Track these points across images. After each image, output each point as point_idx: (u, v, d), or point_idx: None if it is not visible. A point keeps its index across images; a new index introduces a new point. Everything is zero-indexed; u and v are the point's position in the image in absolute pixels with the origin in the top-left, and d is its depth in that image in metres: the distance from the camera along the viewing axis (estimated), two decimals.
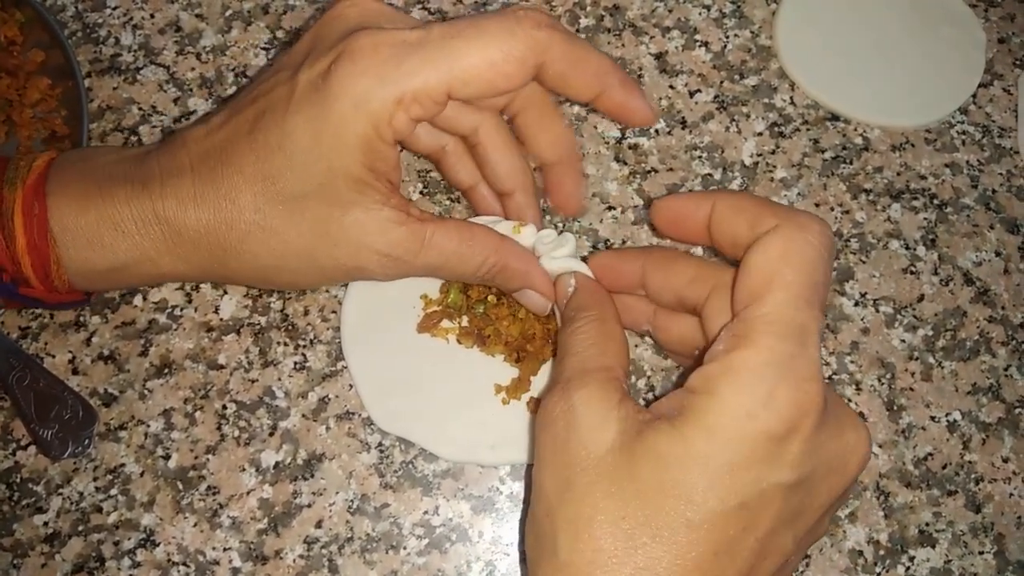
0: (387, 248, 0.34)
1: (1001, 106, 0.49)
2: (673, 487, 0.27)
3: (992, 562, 0.40)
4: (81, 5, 0.49)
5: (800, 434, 0.27)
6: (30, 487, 0.40)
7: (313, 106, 0.33)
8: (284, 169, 0.33)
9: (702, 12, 0.50)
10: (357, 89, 0.32)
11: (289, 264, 0.35)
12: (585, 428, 0.29)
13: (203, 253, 0.35)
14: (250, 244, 0.34)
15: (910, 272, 0.45)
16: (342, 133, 0.32)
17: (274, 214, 0.34)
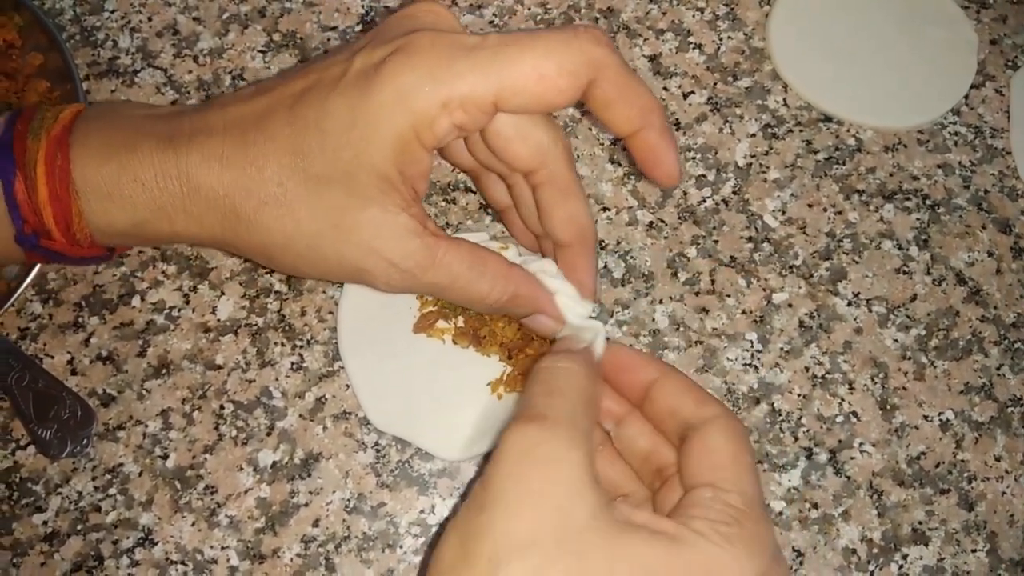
0: (397, 257, 0.33)
1: (993, 107, 0.49)
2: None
3: (985, 560, 0.40)
4: (79, 8, 0.49)
5: None
6: (29, 487, 0.40)
7: (358, 91, 0.32)
8: (315, 147, 0.32)
9: (695, 14, 0.50)
10: (404, 82, 0.31)
11: (296, 246, 0.34)
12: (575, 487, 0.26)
13: (216, 216, 0.34)
14: (264, 216, 0.33)
15: (903, 272, 0.45)
16: (379, 124, 0.31)
17: (295, 191, 0.33)
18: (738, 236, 0.45)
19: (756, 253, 0.45)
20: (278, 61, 0.48)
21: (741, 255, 0.45)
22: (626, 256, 0.44)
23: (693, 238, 0.45)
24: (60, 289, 0.43)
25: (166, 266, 0.44)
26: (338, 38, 0.49)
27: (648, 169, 0.34)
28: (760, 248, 0.45)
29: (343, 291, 0.42)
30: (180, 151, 0.33)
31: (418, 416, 0.40)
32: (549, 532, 0.25)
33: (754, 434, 0.42)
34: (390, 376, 0.41)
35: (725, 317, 0.44)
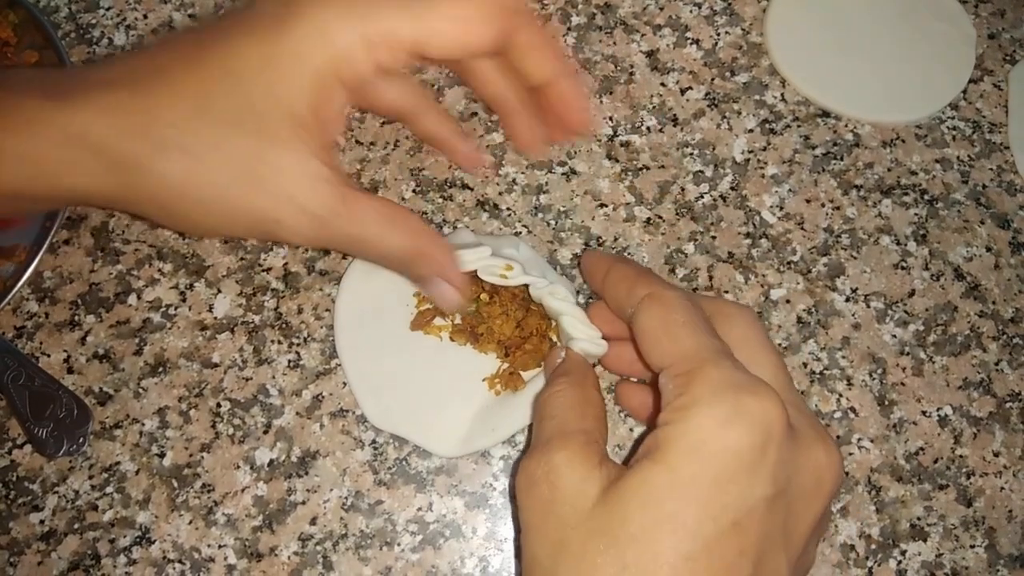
0: (309, 203, 0.31)
1: (991, 102, 0.49)
2: (667, 521, 0.26)
3: (983, 556, 0.40)
4: (74, 6, 0.49)
5: (774, 441, 0.27)
6: (26, 486, 0.40)
7: (271, 29, 0.30)
8: (222, 90, 0.30)
9: (693, 9, 0.50)
10: (325, 16, 0.30)
11: (201, 195, 0.31)
12: (569, 486, 0.28)
13: (103, 165, 0.31)
14: (162, 163, 0.30)
15: (901, 267, 0.45)
16: (297, 59, 0.30)
17: (198, 134, 0.30)
18: (736, 232, 0.45)
19: (754, 249, 0.45)
20: None
21: (739, 251, 0.45)
22: (624, 252, 0.44)
23: (691, 234, 0.45)
24: (56, 287, 0.43)
25: (162, 264, 0.44)
26: None
27: (565, 116, 0.35)
28: (758, 244, 0.45)
29: (340, 288, 0.42)
30: (67, 101, 0.31)
31: (415, 413, 0.40)
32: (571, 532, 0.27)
33: None
34: (387, 373, 0.41)
35: None
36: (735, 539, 0.27)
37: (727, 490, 0.27)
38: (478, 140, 0.46)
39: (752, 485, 0.27)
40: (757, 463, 0.27)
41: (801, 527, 0.29)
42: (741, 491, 0.27)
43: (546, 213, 0.45)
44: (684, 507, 0.26)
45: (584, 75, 0.36)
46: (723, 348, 0.30)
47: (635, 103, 0.48)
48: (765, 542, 0.27)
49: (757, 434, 0.27)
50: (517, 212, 0.45)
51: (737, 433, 0.27)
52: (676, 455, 0.27)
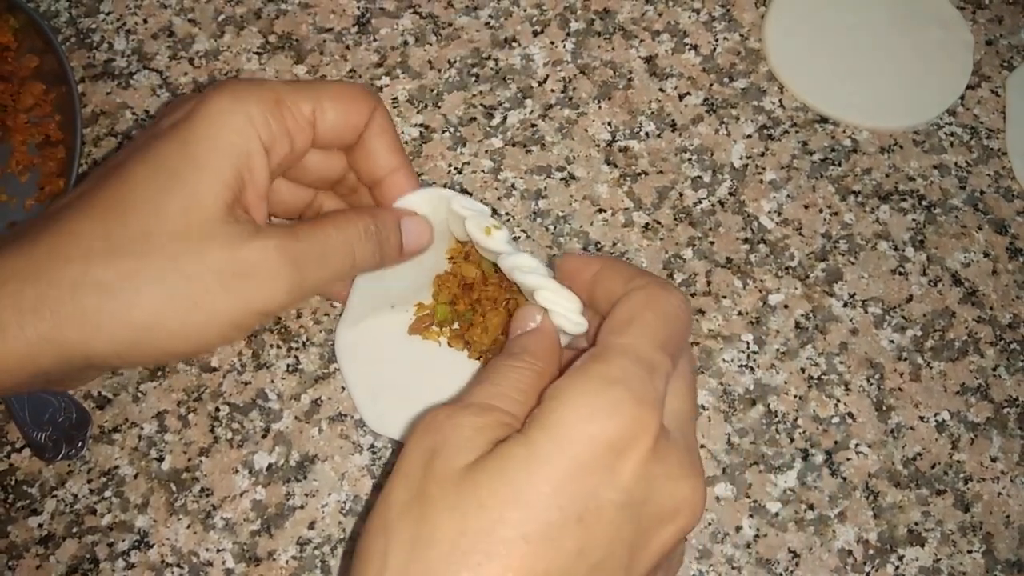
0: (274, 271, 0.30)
1: (989, 108, 0.49)
2: (515, 495, 0.26)
3: (981, 561, 0.40)
4: (75, 11, 0.49)
5: (636, 452, 0.27)
6: (25, 489, 0.40)
7: (174, 138, 0.30)
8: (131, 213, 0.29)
9: (691, 15, 0.50)
10: (230, 99, 0.30)
11: (167, 320, 0.30)
12: (457, 446, 0.27)
13: (64, 330, 0.29)
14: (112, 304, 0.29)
15: (899, 273, 0.45)
16: (217, 143, 0.30)
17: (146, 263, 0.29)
18: (734, 237, 0.45)
19: (752, 254, 0.45)
20: (274, 63, 0.48)
21: (737, 256, 0.45)
22: (622, 257, 0.44)
23: (689, 239, 0.45)
24: None
25: None
26: (334, 40, 0.49)
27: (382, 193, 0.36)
28: (756, 249, 0.45)
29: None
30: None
31: (413, 417, 0.40)
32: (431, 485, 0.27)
33: (750, 435, 0.42)
34: (385, 378, 0.41)
35: (721, 318, 0.44)
36: (577, 535, 0.26)
37: (579, 481, 0.26)
38: (476, 145, 0.47)
39: (604, 484, 0.26)
40: (614, 464, 0.26)
41: (647, 554, 0.28)
42: (592, 487, 0.26)
43: (545, 218, 0.45)
44: (534, 485, 0.26)
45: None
46: (659, 359, 0.29)
47: (634, 109, 0.48)
48: (607, 551, 0.27)
49: (620, 437, 0.26)
50: (516, 217, 0.45)
51: (600, 427, 0.26)
52: (538, 431, 0.26)
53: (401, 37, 0.49)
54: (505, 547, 0.25)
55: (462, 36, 0.49)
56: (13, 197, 0.45)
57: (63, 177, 0.44)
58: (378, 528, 0.27)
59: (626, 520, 0.27)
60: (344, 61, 0.48)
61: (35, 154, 0.45)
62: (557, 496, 0.26)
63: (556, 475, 0.26)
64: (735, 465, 0.41)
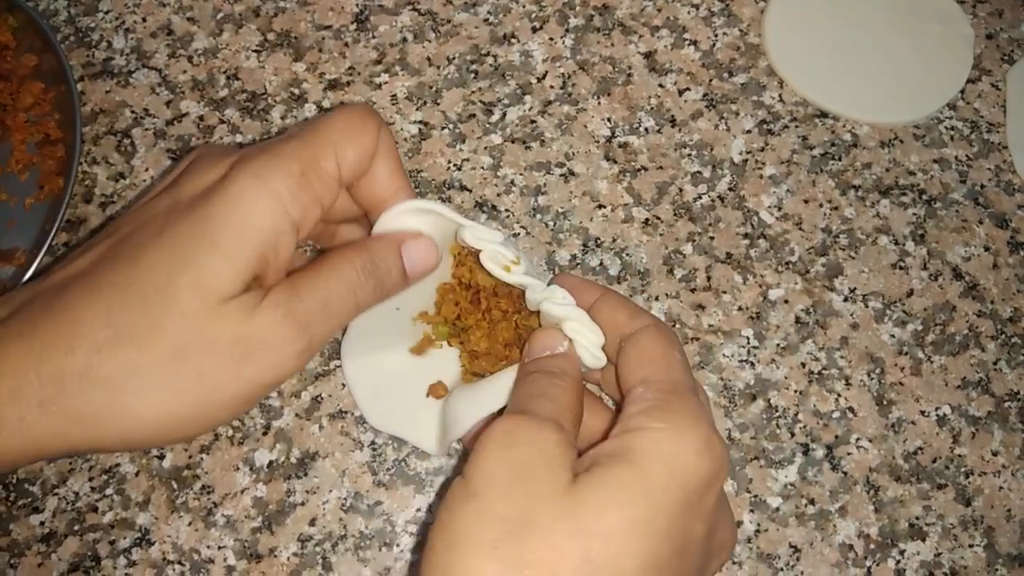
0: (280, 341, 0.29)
1: (989, 102, 0.49)
2: (637, 528, 0.26)
3: (982, 555, 0.40)
4: (74, 9, 0.49)
5: (717, 487, 0.28)
6: (26, 487, 0.40)
7: (192, 217, 0.29)
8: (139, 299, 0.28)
9: (691, 11, 0.50)
10: (252, 175, 0.29)
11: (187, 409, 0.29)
12: (552, 461, 0.27)
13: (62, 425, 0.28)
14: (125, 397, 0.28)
15: (899, 267, 0.45)
16: (239, 229, 0.28)
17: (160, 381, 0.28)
18: (734, 232, 0.45)
19: (752, 249, 0.45)
20: (273, 60, 0.48)
21: (737, 251, 0.45)
22: (622, 253, 0.44)
23: (689, 235, 0.45)
24: None
25: None
26: (332, 37, 0.49)
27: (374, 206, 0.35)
28: (756, 244, 0.45)
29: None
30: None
31: (413, 414, 0.40)
32: (542, 506, 0.26)
33: (750, 430, 0.42)
34: (385, 375, 0.41)
35: (721, 313, 0.44)
36: (675, 567, 0.27)
37: (684, 516, 0.27)
38: (476, 141, 0.47)
39: (698, 519, 0.27)
40: (705, 500, 0.27)
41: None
42: (691, 522, 0.27)
43: (544, 214, 0.45)
44: (653, 517, 0.26)
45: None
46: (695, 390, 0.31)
47: (633, 104, 0.48)
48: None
49: (715, 474, 0.27)
50: (515, 213, 0.45)
51: (706, 465, 0.27)
52: (654, 463, 0.27)
53: (400, 34, 0.49)
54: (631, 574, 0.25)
55: (461, 33, 0.49)
56: (13, 196, 0.45)
57: (62, 176, 0.44)
58: (480, 547, 0.26)
59: (702, 552, 0.28)
60: (343, 58, 0.48)
61: (34, 153, 0.45)
62: (670, 529, 0.26)
63: (672, 508, 0.26)
64: (736, 460, 0.41)
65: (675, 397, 0.29)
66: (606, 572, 0.25)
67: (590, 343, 0.33)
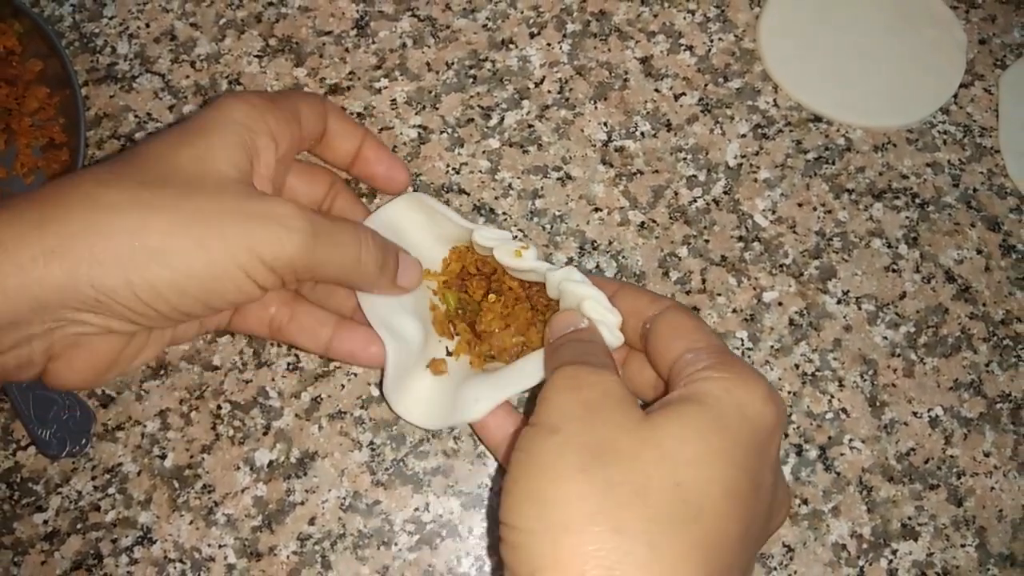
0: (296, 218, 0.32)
1: (982, 106, 0.49)
2: (719, 455, 0.27)
3: (974, 555, 0.41)
4: (78, 15, 0.50)
5: (779, 435, 0.30)
6: (30, 486, 0.41)
7: (184, 123, 0.33)
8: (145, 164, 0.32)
9: (687, 16, 0.51)
10: (231, 95, 0.35)
11: (176, 245, 0.30)
12: (621, 399, 0.29)
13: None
14: (128, 217, 0.29)
15: (892, 270, 0.46)
16: (223, 123, 0.33)
17: (168, 196, 0.30)
18: (729, 235, 0.46)
19: (746, 252, 0.45)
20: (274, 66, 0.49)
21: (732, 254, 0.45)
22: (618, 256, 0.45)
23: (684, 238, 0.46)
24: None
25: None
26: (333, 42, 0.50)
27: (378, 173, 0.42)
28: (750, 247, 0.46)
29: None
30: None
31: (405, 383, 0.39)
32: (625, 435, 0.28)
33: None
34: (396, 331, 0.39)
35: (716, 316, 0.44)
36: (755, 501, 0.28)
37: (757, 457, 0.28)
38: (474, 145, 0.47)
39: (766, 465, 0.29)
40: (770, 447, 0.29)
41: (766, 535, 0.31)
42: (762, 465, 0.29)
43: (541, 217, 0.46)
44: (732, 450, 0.28)
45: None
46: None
47: (629, 109, 0.48)
48: (759, 525, 0.29)
49: (779, 422, 0.29)
50: (513, 216, 0.46)
51: (772, 411, 0.29)
52: (725, 408, 0.29)
53: (399, 39, 0.50)
54: (711, 502, 0.27)
55: (460, 38, 0.50)
56: None
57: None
58: (569, 471, 0.27)
59: (771, 500, 0.30)
60: (343, 63, 0.49)
61: (39, 157, 0.46)
62: (747, 464, 0.28)
63: (747, 446, 0.28)
64: None
65: (728, 355, 0.31)
66: (694, 495, 0.27)
67: (608, 321, 0.35)
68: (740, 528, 0.27)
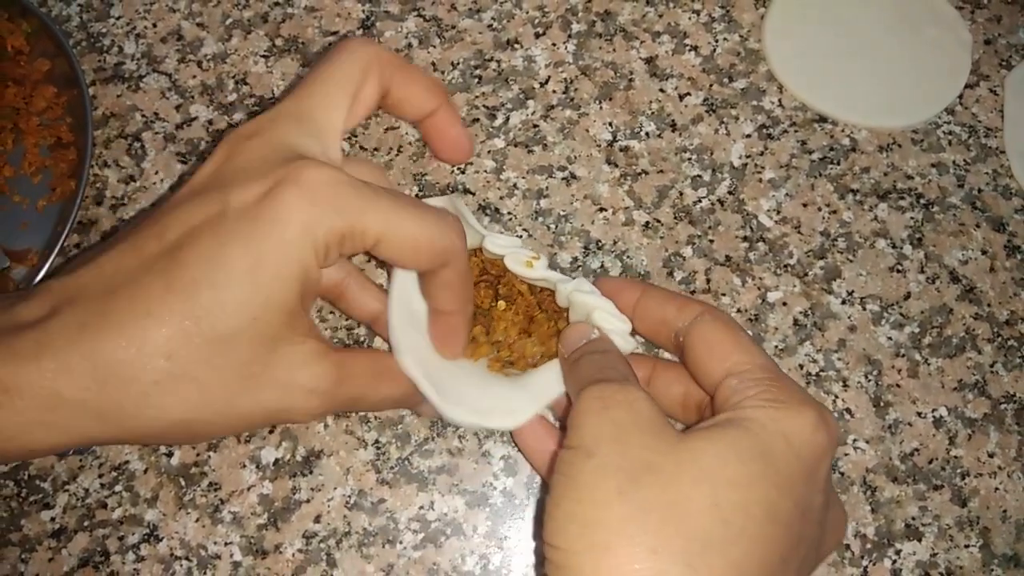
0: (313, 382, 0.31)
1: (987, 106, 0.49)
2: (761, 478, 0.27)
3: (978, 555, 0.41)
4: (85, 15, 0.50)
5: (830, 458, 0.30)
6: (37, 484, 0.41)
7: (252, 232, 0.29)
8: (211, 305, 0.28)
9: (692, 17, 0.51)
10: (309, 216, 0.29)
11: (204, 415, 0.30)
12: (653, 418, 0.29)
13: (88, 419, 0.28)
14: (157, 398, 0.28)
15: (897, 270, 0.46)
16: (287, 261, 0.29)
17: (193, 359, 0.28)
18: (733, 236, 0.46)
19: (751, 252, 0.45)
20: (281, 65, 0.49)
21: (736, 254, 0.45)
22: (623, 256, 0.45)
23: (689, 238, 0.46)
24: None
25: None
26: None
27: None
28: (755, 247, 0.46)
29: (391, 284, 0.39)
30: (22, 357, 0.27)
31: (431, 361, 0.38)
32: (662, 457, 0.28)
33: None
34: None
35: None
36: (802, 525, 0.28)
37: (803, 482, 0.28)
38: (479, 145, 0.47)
39: (815, 489, 0.29)
40: (820, 471, 0.29)
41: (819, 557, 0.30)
42: (809, 490, 0.28)
43: (546, 217, 0.46)
44: (775, 474, 0.28)
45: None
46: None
47: (634, 109, 0.48)
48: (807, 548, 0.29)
49: (830, 446, 0.29)
50: (518, 216, 0.46)
51: (822, 439, 0.29)
52: (768, 435, 0.28)
53: (405, 39, 0.50)
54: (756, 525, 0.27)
55: (465, 38, 0.50)
56: (26, 198, 0.46)
57: (74, 178, 0.45)
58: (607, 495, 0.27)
59: (820, 523, 0.29)
60: None
61: (47, 156, 0.46)
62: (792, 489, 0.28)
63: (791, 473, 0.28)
64: None
65: (773, 381, 0.30)
66: (734, 516, 0.27)
67: (619, 329, 0.35)
68: (783, 552, 0.27)
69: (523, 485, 0.41)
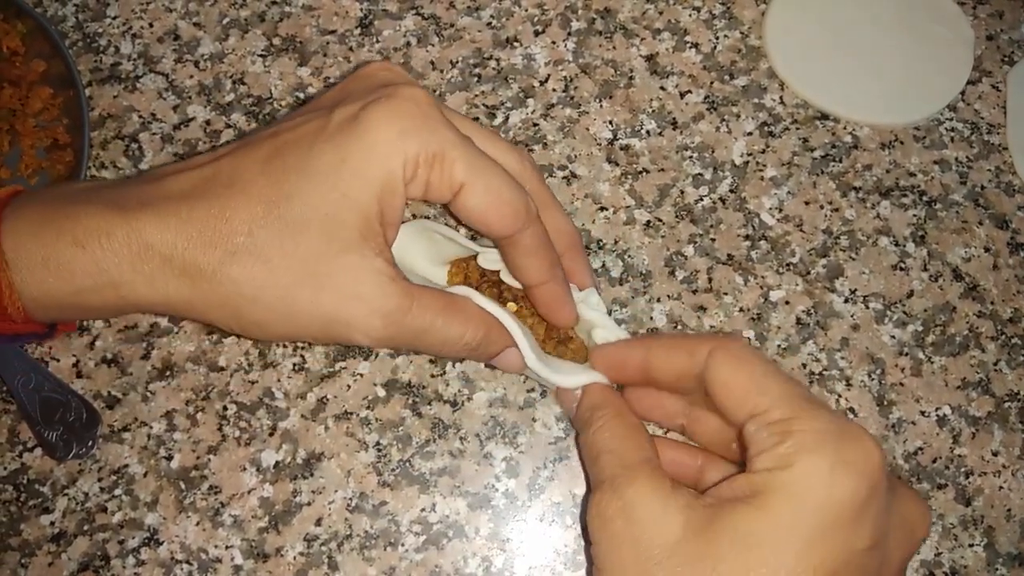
0: (379, 301, 0.32)
1: (990, 103, 0.49)
2: (762, 566, 0.26)
3: (982, 554, 0.41)
4: (81, 15, 0.50)
5: (877, 492, 0.28)
6: (37, 488, 0.41)
7: (347, 134, 0.31)
8: (294, 191, 0.31)
9: (692, 13, 0.51)
10: (402, 124, 0.31)
11: (265, 298, 0.31)
12: (648, 521, 0.28)
13: (172, 273, 0.31)
14: (230, 268, 0.31)
15: (899, 268, 0.45)
16: (372, 162, 0.31)
17: (266, 238, 0.31)
18: (735, 234, 0.46)
19: (753, 251, 0.45)
20: (278, 65, 0.49)
21: (738, 253, 0.45)
22: (624, 255, 0.45)
23: (690, 236, 0.45)
24: None
25: None
26: (337, 41, 0.49)
27: (550, 316, 0.37)
28: (757, 246, 0.45)
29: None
30: (130, 213, 0.31)
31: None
32: (655, 568, 0.27)
33: None
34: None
35: (722, 315, 0.44)
36: (869, 557, 0.27)
37: (830, 540, 0.27)
38: None
39: (854, 537, 0.27)
40: (861, 514, 0.27)
41: (889, 572, 0.29)
42: (843, 542, 0.27)
43: None
44: (781, 556, 0.26)
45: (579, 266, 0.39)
46: (809, 394, 0.30)
47: (635, 107, 0.48)
48: (878, 562, 0.28)
49: (863, 485, 0.27)
50: None
51: (843, 484, 0.27)
52: (778, 502, 0.27)
53: (404, 38, 0.50)
54: None
55: (464, 37, 0.50)
56: None
57: (71, 180, 0.45)
58: None
59: (874, 559, 0.28)
60: (347, 63, 0.49)
61: (43, 158, 0.46)
62: (809, 559, 0.26)
63: (801, 545, 0.27)
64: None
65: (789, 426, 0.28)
66: None
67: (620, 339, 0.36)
68: None
69: (525, 487, 0.41)
